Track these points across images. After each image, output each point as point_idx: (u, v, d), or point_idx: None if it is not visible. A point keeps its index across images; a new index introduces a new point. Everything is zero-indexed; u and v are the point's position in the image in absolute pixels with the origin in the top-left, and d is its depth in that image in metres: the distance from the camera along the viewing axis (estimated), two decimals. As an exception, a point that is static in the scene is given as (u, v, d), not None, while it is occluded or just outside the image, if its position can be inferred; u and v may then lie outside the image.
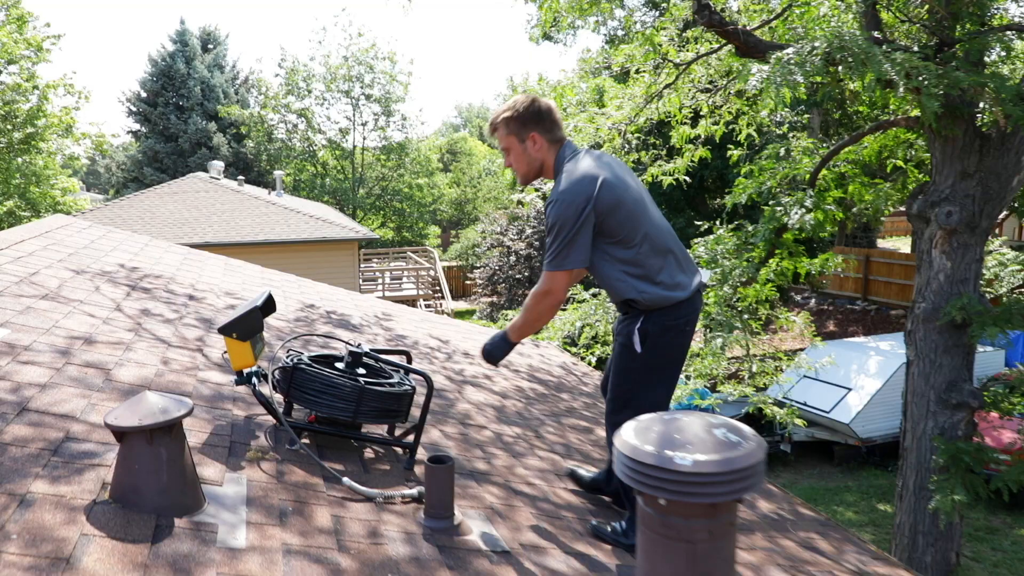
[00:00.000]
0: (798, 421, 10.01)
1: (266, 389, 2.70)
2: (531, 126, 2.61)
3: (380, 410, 2.63)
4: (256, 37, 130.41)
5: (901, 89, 4.66)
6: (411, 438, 2.77)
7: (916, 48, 4.74)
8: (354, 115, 35.63)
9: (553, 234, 2.51)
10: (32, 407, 2.29)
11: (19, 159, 21.41)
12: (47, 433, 2.15)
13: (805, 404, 14.62)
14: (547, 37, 23.81)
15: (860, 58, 4.30)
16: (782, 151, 7.14)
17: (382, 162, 36.04)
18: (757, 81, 4.38)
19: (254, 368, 2.63)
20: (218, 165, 23.86)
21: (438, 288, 26.19)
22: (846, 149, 6.86)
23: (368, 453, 2.80)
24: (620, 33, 23.90)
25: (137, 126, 38.94)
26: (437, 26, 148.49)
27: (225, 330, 2.55)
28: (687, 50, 8.70)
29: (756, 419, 14.94)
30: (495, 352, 2.77)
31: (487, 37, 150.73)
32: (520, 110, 2.60)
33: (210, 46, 40.16)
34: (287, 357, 2.72)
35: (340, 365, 2.81)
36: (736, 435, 1.25)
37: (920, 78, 4.66)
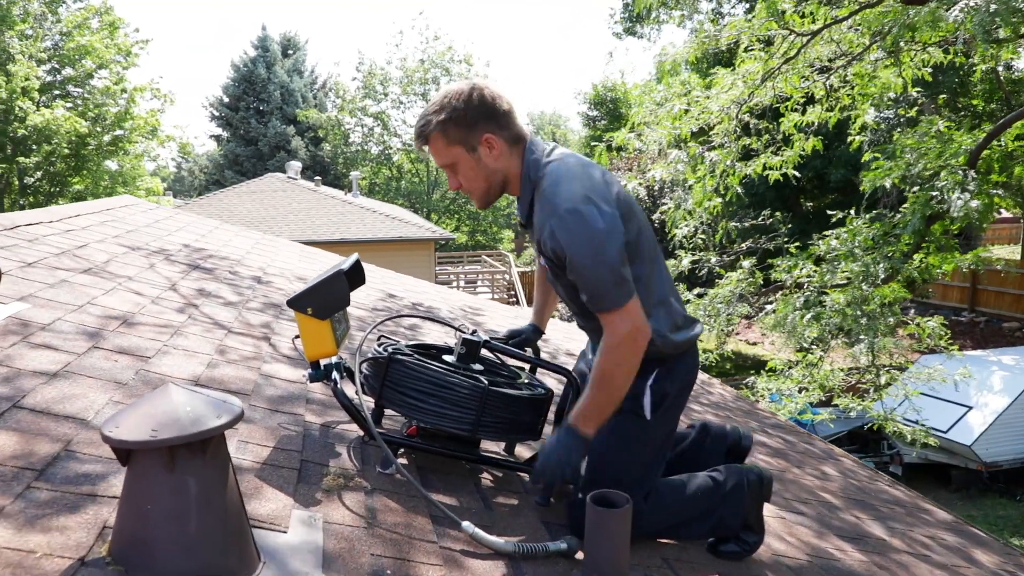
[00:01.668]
0: (930, 440, 8.86)
1: (350, 388, 1.98)
2: (481, 125, 1.74)
3: (508, 422, 1.87)
4: (335, 42, 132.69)
5: None
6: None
7: None
8: (430, 118, 35.39)
9: (590, 259, 1.63)
10: (27, 403, 1.62)
11: (108, 161, 21.80)
12: (36, 444, 1.46)
13: (918, 423, 13.23)
14: (631, 32, 22.83)
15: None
16: (940, 124, 6.09)
17: (457, 166, 35.68)
18: (960, 11, 3.48)
19: (335, 359, 1.91)
20: (295, 165, 23.75)
21: (513, 292, 25.48)
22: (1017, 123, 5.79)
23: (484, 479, 2.04)
24: (707, 27, 22.80)
25: (219, 131, 39.76)
26: (509, 34, 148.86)
27: (298, 303, 1.83)
28: (803, 26, 7.76)
29: (862, 437, 13.64)
30: (564, 462, 1.70)
31: (559, 47, 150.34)
32: (461, 107, 1.72)
33: (290, 51, 40.67)
34: (378, 345, 1.99)
35: (449, 359, 2.06)
36: None
37: None
